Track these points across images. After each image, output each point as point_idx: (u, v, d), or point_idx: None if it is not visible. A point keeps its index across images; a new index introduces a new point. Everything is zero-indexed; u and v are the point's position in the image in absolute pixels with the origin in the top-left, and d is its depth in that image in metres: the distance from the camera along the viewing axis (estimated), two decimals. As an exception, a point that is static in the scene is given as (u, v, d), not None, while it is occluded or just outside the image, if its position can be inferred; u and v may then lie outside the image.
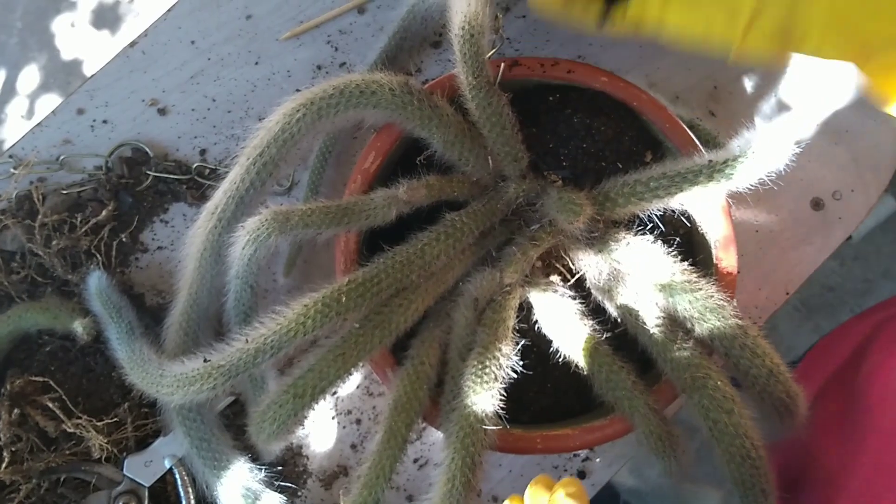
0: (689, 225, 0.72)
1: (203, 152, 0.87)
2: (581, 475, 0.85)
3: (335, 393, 0.84)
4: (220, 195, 0.67)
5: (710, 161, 0.62)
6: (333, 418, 0.84)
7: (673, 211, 0.67)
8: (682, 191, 0.63)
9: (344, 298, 0.60)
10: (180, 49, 0.88)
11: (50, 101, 1.97)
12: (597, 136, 0.75)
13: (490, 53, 0.76)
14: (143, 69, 0.88)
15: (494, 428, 0.61)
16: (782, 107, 0.90)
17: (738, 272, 0.71)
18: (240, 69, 0.88)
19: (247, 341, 0.59)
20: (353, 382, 0.84)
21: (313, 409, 0.62)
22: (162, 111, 0.87)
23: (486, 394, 0.60)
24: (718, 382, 0.62)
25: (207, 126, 0.87)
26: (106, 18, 2.02)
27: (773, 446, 0.63)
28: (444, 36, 0.88)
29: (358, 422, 0.84)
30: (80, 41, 2.01)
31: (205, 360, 0.60)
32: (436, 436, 0.83)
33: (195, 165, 0.85)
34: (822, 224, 0.89)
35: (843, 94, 0.90)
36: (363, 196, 0.65)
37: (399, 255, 0.64)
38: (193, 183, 0.86)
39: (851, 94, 0.90)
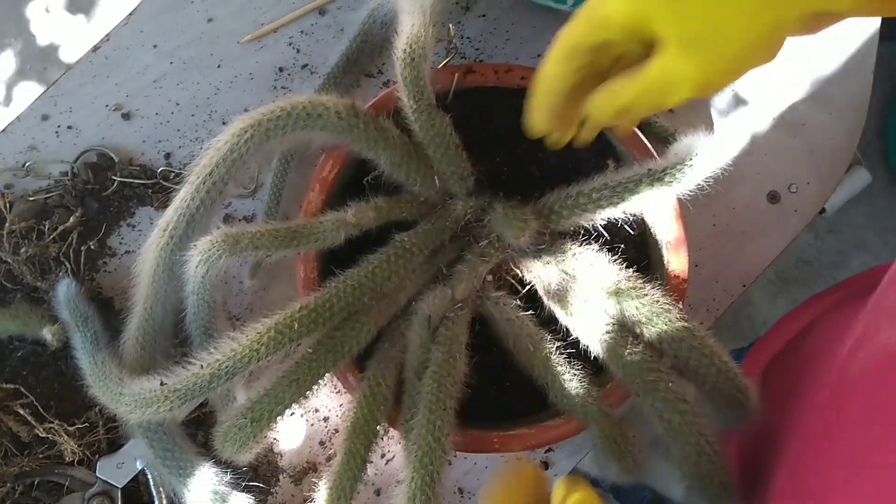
0: (639, 228, 0.74)
1: (168, 156, 0.88)
2: (545, 466, 0.88)
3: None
4: (172, 213, 0.69)
5: (650, 170, 0.64)
6: (302, 416, 0.86)
7: (618, 219, 0.69)
8: (624, 200, 0.65)
9: (296, 325, 0.62)
10: (143, 53, 0.89)
11: (27, 90, 1.95)
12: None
13: (445, 61, 0.77)
14: (106, 74, 0.89)
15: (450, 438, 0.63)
16: (739, 101, 0.91)
17: (696, 266, 0.73)
18: (202, 73, 0.89)
19: (202, 367, 0.61)
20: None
21: (272, 430, 0.65)
22: (126, 116, 0.88)
23: (441, 414, 0.62)
24: (669, 384, 0.64)
25: (171, 130, 0.88)
26: (81, 4, 2.00)
27: (729, 436, 0.64)
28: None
29: (326, 419, 0.86)
30: (56, 28, 1.99)
31: (161, 384, 0.62)
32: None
33: (160, 170, 0.87)
34: (778, 217, 0.90)
35: (799, 88, 0.91)
36: (312, 219, 0.66)
37: (350, 278, 0.65)
38: (159, 187, 0.87)
39: (807, 88, 0.91)
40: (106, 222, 0.86)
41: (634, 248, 0.76)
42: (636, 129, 0.73)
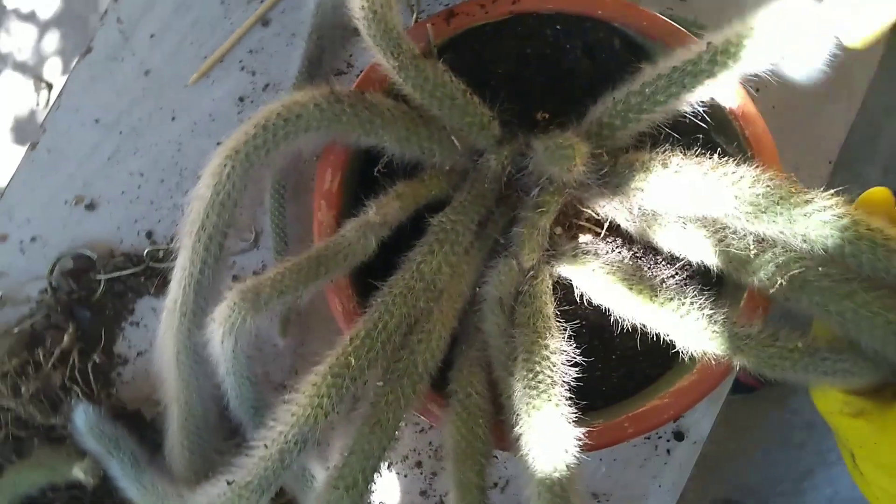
0: (705, 126, 0.62)
1: (150, 234, 0.77)
2: (679, 437, 0.75)
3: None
4: (176, 287, 0.58)
5: (709, 44, 0.52)
6: (391, 469, 0.74)
7: (681, 115, 0.56)
8: (685, 88, 0.53)
9: (353, 360, 0.51)
10: (86, 132, 0.78)
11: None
12: (572, 60, 0.65)
13: (414, 16, 0.66)
14: (54, 168, 0.78)
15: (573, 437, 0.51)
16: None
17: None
18: (157, 132, 0.78)
19: (266, 447, 0.49)
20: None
21: (372, 492, 0.53)
22: (90, 206, 0.77)
23: (547, 406, 0.50)
24: (820, 269, 0.51)
25: (144, 205, 0.77)
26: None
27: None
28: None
29: (419, 465, 0.74)
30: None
31: (228, 483, 0.50)
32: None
33: (146, 252, 0.75)
34: (841, 74, 0.78)
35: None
36: (332, 237, 0.55)
37: (395, 286, 0.54)
38: (151, 271, 0.76)
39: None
40: (104, 329, 0.75)
41: (707, 144, 0.64)
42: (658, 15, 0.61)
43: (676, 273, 0.59)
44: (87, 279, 0.75)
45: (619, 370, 0.64)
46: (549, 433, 0.49)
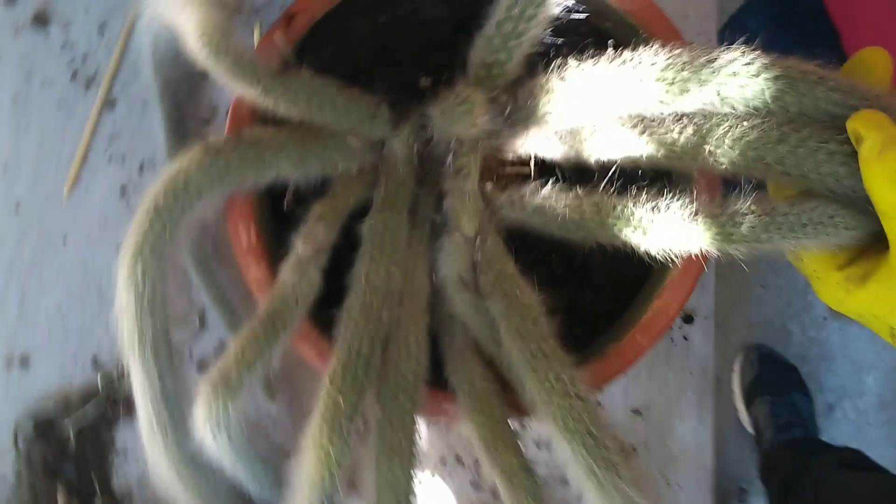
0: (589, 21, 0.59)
1: (95, 361, 0.72)
2: (688, 320, 0.73)
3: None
4: (144, 407, 0.53)
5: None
6: (433, 475, 0.71)
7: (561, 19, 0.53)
8: None
9: (341, 400, 0.47)
10: (-16, 291, 0.73)
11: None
12: (428, 8, 0.61)
13: (256, 31, 0.62)
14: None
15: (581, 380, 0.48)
16: None
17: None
18: (55, 260, 0.73)
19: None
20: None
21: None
22: (24, 362, 0.72)
23: (546, 363, 0.48)
24: (745, 125, 0.48)
25: (76, 336, 0.72)
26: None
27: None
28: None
29: (459, 460, 0.72)
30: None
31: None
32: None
33: (99, 380, 0.71)
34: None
35: None
36: (274, 290, 0.51)
37: (352, 308, 0.51)
38: (112, 397, 0.71)
39: None
40: (94, 473, 0.70)
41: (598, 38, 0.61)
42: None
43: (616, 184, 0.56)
44: (54, 434, 0.70)
45: (608, 285, 0.62)
46: (557, 391, 0.47)
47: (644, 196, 0.50)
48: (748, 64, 0.45)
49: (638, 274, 0.60)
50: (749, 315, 1.76)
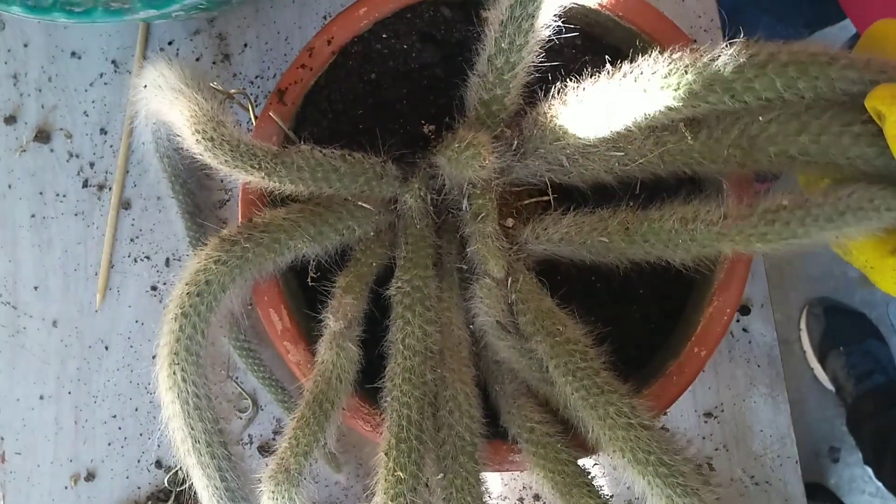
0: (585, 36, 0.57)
1: (159, 464, 0.72)
2: (745, 311, 0.70)
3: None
4: (207, 498, 0.53)
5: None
6: (513, 518, 0.70)
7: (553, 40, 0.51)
8: (534, 15, 0.48)
9: (402, 473, 0.46)
10: (38, 413, 0.73)
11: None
12: (417, 55, 0.60)
13: (251, 114, 0.61)
14: (36, 470, 0.72)
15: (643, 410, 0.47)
16: None
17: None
18: (101, 369, 0.73)
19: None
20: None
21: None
22: (90, 477, 0.72)
23: (603, 399, 0.46)
24: (761, 119, 0.46)
25: (135, 442, 0.72)
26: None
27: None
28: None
29: (538, 498, 0.70)
30: None
31: None
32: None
33: (166, 482, 0.71)
34: None
35: None
36: (315, 370, 0.50)
37: (395, 375, 0.49)
38: (183, 495, 0.71)
39: None
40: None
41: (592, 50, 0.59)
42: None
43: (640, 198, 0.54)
44: (132, 543, 0.70)
45: (655, 299, 0.59)
46: (620, 424, 0.45)
47: (670, 206, 0.48)
48: (753, 55, 0.43)
49: (683, 281, 0.58)
50: (806, 269, 1.70)
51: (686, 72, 0.44)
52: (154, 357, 0.52)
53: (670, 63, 0.44)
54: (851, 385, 1.57)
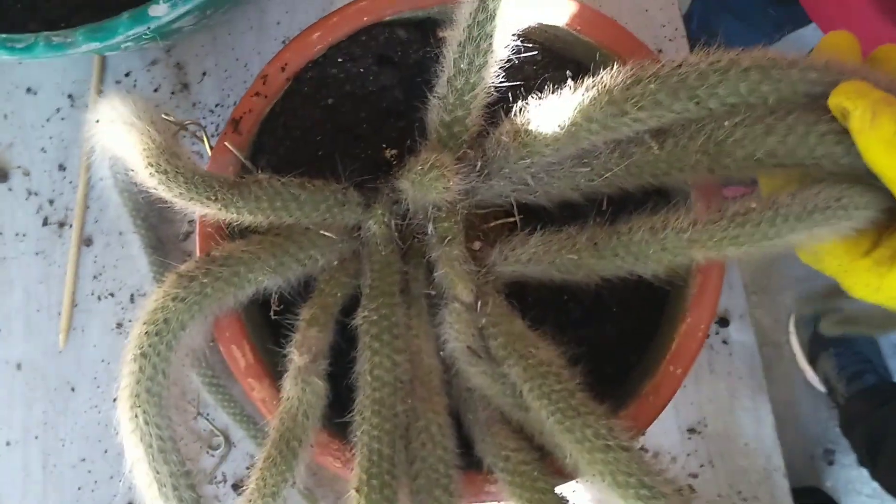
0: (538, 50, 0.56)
1: (130, 506, 0.70)
2: (723, 323, 0.69)
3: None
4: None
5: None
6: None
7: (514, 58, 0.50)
8: (490, 35, 0.47)
9: None
10: (6, 460, 0.70)
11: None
12: (374, 79, 0.59)
13: (207, 145, 0.60)
14: (1, 514, 0.70)
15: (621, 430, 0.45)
16: None
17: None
18: (68, 411, 0.71)
19: None
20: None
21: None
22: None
23: (582, 419, 0.44)
24: (726, 124, 0.45)
25: (106, 484, 0.70)
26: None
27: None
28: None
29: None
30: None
31: None
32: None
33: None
34: None
35: None
36: (280, 410, 0.48)
37: (364, 408, 0.47)
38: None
39: None
40: None
41: (553, 66, 0.58)
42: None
43: (607, 213, 0.53)
44: (103, 590, 0.68)
45: (630, 314, 0.58)
46: (598, 446, 0.43)
47: (638, 218, 0.47)
48: (715, 62, 0.42)
49: (657, 296, 0.57)
50: (791, 270, 1.70)
51: (649, 82, 0.43)
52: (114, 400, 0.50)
53: (632, 73, 0.43)
54: (843, 386, 1.56)
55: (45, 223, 0.72)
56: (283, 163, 0.57)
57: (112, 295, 0.71)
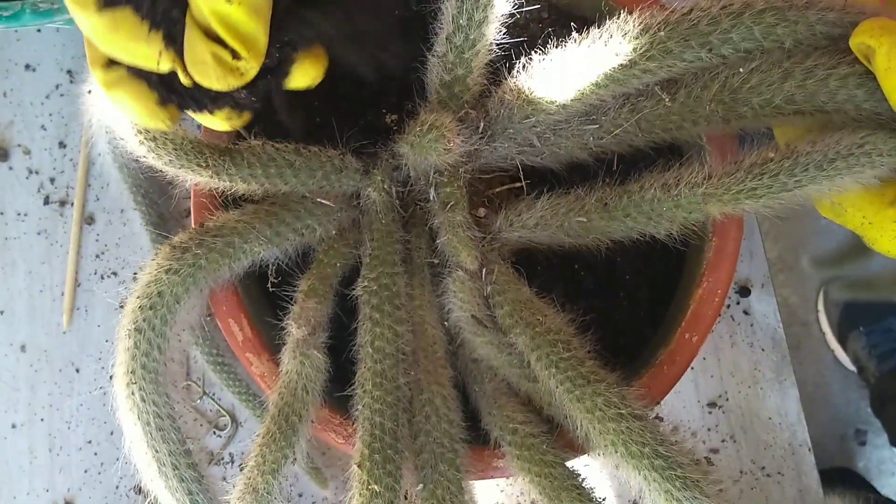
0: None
1: (139, 490, 0.69)
2: (744, 292, 0.67)
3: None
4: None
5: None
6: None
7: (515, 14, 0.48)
8: None
9: (377, 486, 0.42)
10: (11, 444, 0.70)
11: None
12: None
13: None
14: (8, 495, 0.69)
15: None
16: None
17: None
18: (73, 392, 0.70)
19: None
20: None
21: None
22: (67, 505, 0.69)
23: (593, 387, 0.42)
24: (741, 71, 0.42)
25: (112, 466, 0.69)
26: None
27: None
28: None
29: None
30: None
31: None
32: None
33: (146, 507, 0.67)
34: None
35: None
36: (280, 383, 0.46)
37: (365, 381, 0.45)
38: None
39: None
40: None
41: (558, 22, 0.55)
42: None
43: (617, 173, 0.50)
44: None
45: (644, 283, 0.56)
46: (610, 415, 0.41)
47: (650, 176, 0.45)
48: (727, 6, 0.40)
49: (672, 263, 0.54)
50: (821, 248, 1.66)
51: (658, 30, 0.40)
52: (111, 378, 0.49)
53: (641, 22, 0.41)
54: (874, 365, 1.52)
55: (46, 202, 0.71)
56: (279, 130, 0.55)
57: (115, 274, 0.70)
